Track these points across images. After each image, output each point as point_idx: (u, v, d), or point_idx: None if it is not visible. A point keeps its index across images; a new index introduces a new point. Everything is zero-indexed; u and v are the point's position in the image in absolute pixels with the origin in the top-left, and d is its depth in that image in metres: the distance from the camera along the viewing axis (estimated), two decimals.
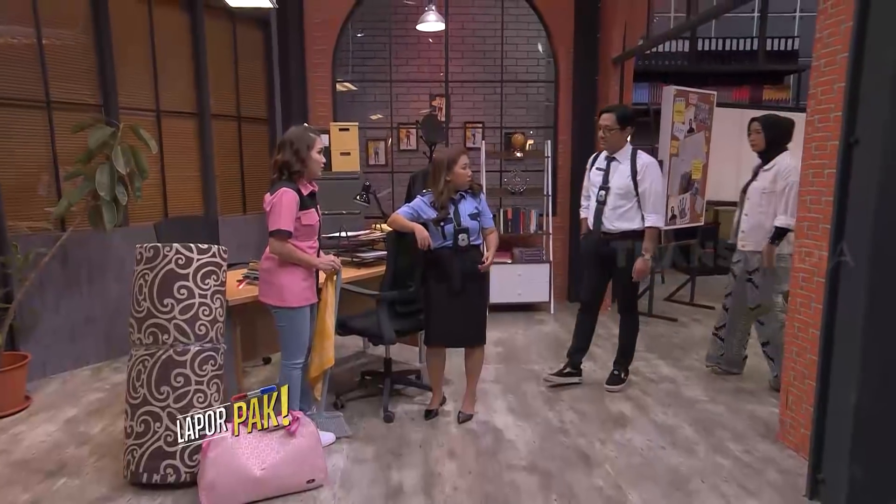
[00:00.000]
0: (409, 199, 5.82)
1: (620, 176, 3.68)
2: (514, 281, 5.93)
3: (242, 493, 2.60)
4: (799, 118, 3.40)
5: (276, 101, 6.05)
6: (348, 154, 5.76)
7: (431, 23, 5.86)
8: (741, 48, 7.73)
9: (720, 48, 7.71)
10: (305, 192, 2.96)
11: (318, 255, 3.14)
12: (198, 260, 2.78)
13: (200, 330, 2.76)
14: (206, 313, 2.79)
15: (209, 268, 2.82)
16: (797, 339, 2.99)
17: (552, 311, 6.01)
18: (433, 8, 5.87)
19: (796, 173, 3.48)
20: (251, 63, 5.91)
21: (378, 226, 4.39)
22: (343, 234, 4.06)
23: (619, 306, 3.98)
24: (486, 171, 6.03)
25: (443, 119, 6.49)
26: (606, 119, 3.68)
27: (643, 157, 3.71)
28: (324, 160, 3.05)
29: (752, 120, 3.83)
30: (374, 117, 6.75)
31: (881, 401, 2.42)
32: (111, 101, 4.66)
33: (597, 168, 3.85)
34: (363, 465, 2.97)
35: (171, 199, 5.19)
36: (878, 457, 2.43)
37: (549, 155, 5.98)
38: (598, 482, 2.79)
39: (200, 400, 2.73)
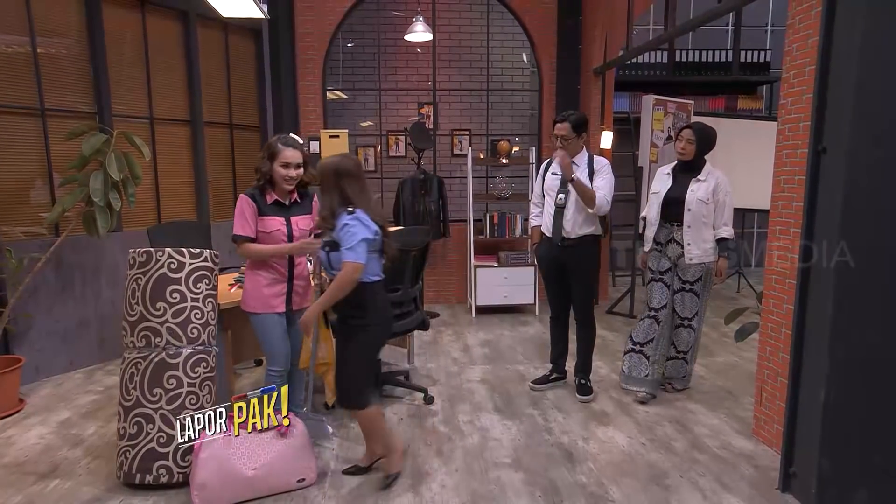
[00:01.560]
0: (397, 203, 5.86)
1: (580, 177, 3.56)
2: (499, 283, 5.94)
3: (233, 492, 2.59)
4: (771, 127, 3.44)
5: (268, 108, 6.05)
6: None
7: (419, 33, 5.89)
8: (716, 59, 7.83)
9: (697, 59, 7.81)
10: (269, 201, 2.90)
11: (291, 267, 3.01)
12: (190, 264, 2.77)
13: (192, 333, 2.75)
14: (198, 316, 2.78)
15: (201, 272, 2.81)
16: (770, 339, 3.03)
17: (537, 313, 6.03)
18: (421, 19, 5.90)
19: (730, 184, 3.60)
20: (243, 71, 5.90)
21: None
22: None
23: (577, 315, 3.80)
24: (473, 177, 6.06)
25: (430, 126, 6.52)
26: (562, 129, 3.53)
27: (600, 160, 3.64)
28: (290, 174, 2.85)
29: (685, 127, 3.66)
30: (363, 125, 6.75)
31: (848, 398, 2.46)
32: (105, 108, 4.64)
33: (552, 173, 3.69)
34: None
35: (164, 204, 5.17)
36: (845, 451, 2.48)
37: (534, 161, 6.01)
38: (581, 478, 2.81)
39: (192, 402, 2.72)
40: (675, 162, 3.73)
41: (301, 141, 3.01)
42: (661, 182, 3.71)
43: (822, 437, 2.47)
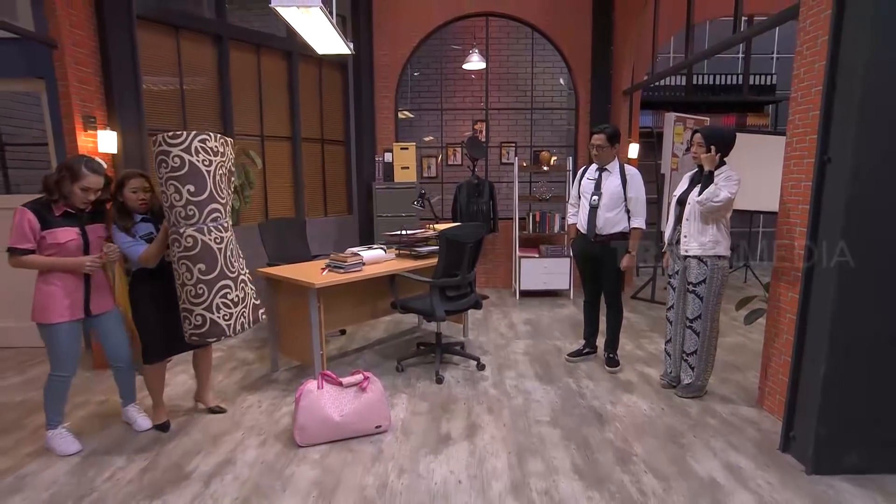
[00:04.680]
0: (455, 203, 5.90)
1: (612, 184, 3.50)
2: (540, 272, 5.92)
3: (325, 433, 2.69)
4: (776, 140, 3.27)
5: (351, 126, 6.18)
6: (407, 168, 5.84)
7: (475, 62, 5.90)
8: (729, 82, 7.61)
9: (711, 82, 7.58)
10: (58, 213, 2.47)
11: (87, 275, 2.60)
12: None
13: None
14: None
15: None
16: (776, 323, 2.93)
17: (571, 297, 5.97)
18: (476, 51, 5.91)
19: (738, 185, 2.94)
20: (332, 96, 6.05)
21: (431, 226, 4.45)
22: (403, 232, 4.14)
23: (607, 300, 3.70)
24: (519, 182, 6.03)
25: (483, 139, 6.52)
26: (598, 139, 3.49)
27: (630, 169, 3.54)
28: (89, 198, 2.50)
29: (695, 132, 3.11)
30: (427, 139, 6.81)
31: (845, 375, 2.38)
32: (229, 128, 4.86)
33: (588, 178, 3.62)
34: (419, 417, 3.01)
35: (270, 204, 5.37)
36: (839, 419, 2.40)
37: (570, 169, 5.93)
38: (609, 436, 2.80)
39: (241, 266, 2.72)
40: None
41: (105, 165, 2.60)
42: (680, 185, 3.32)
43: (821, 407, 2.38)
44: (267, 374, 3.66)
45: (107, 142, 3.73)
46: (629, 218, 3.53)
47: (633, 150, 6.02)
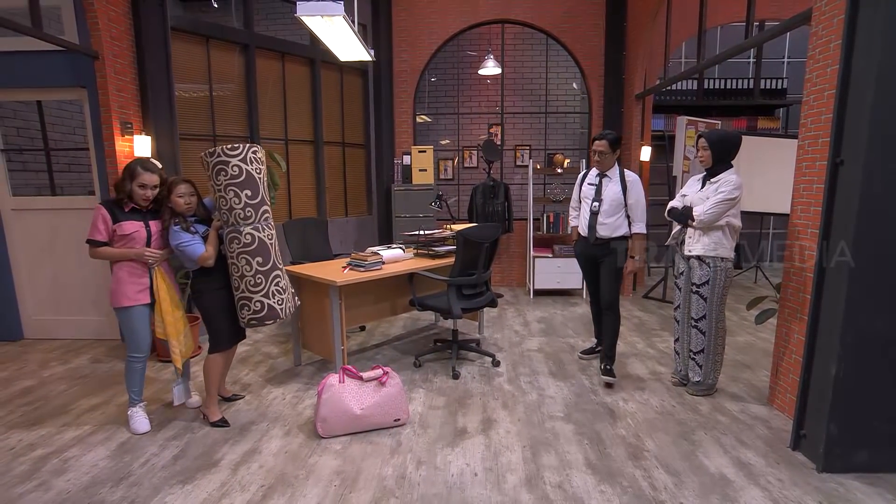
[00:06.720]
0: (471, 204, 5.90)
1: (612, 191, 3.37)
2: (553, 271, 5.88)
3: (346, 425, 2.71)
4: (786, 144, 3.20)
5: (371, 130, 6.21)
6: (425, 170, 5.85)
7: (490, 68, 5.88)
8: (740, 86, 7.47)
9: (722, 86, 7.46)
10: (127, 209, 2.67)
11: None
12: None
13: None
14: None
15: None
16: (787, 323, 2.88)
17: (584, 297, 5.93)
18: (491, 56, 5.89)
19: (738, 190, 2.91)
20: (353, 102, 6.09)
21: (448, 226, 4.45)
22: (421, 232, 4.14)
23: (604, 303, 3.44)
24: (533, 184, 6.01)
25: (498, 142, 6.50)
26: (600, 146, 3.37)
27: (630, 175, 3.43)
28: (146, 194, 2.67)
29: (699, 136, 3.05)
30: (444, 142, 6.82)
31: (856, 374, 2.34)
32: (255, 132, 4.92)
33: (588, 183, 3.51)
34: (436, 411, 3.02)
35: (294, 205, 5.42)
36: (850, 418, 2.36)
37: (583, 171, 5.89)
38: (621, 431, 2.78)
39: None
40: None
41: (160, 165, 2.77)
42: (689, 187, 3.25)
43: (832, 406, 2.34)
44: (290, 368, 3.70)
45: (142, 146, 3.81)
46: (629, 223, 3.42)
47: (646, 153, 5.96)
